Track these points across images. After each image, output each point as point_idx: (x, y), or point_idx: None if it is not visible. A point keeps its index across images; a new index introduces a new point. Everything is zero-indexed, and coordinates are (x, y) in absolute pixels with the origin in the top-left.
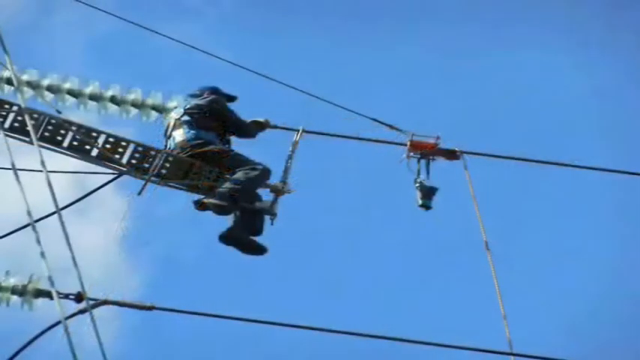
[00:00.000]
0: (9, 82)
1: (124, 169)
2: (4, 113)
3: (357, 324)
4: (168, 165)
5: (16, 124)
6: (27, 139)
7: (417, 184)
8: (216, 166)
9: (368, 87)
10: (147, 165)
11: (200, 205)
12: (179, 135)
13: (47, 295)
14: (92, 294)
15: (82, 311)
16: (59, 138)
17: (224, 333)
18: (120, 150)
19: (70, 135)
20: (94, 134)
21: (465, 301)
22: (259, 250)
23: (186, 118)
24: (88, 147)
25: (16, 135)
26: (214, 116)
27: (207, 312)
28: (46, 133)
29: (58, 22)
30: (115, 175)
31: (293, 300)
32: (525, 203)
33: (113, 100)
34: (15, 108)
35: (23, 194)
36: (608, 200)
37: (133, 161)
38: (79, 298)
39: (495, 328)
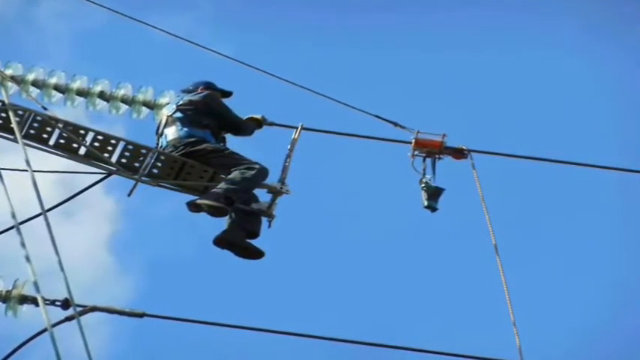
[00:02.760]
0: None
1: (114, 168)
2: None
3: (359, 330)
4: (160, 164)
5: (0, 121)
6: (11, 136)
7: (423, 185)
8: (210, 165)
9: (370, 83)
10: (137, 164)
11: (194, 207)
12: (171, 133)
13: (33, 301)
14: (80, 300)
15: (69, 318)
16: (45, 136)
17: (220, 340)
18: (109, 148)
19: (56, 132)
20: (82, 132)
21: (473, 307)
22: (256, 253)
23: (178, 114)
24: (75, 145)
25: None
26: (209, 113)
27: (201, 319)
28: (32, 131)
29: (45, 14)
30: (104, 175)
31: (291, 306)
32: (536, 204)
33: (102, 95)
34: None
35: (7, 195)
36: (622, 201)
37: (123, 160)
38: (66, 304)
39: (505, 335)
